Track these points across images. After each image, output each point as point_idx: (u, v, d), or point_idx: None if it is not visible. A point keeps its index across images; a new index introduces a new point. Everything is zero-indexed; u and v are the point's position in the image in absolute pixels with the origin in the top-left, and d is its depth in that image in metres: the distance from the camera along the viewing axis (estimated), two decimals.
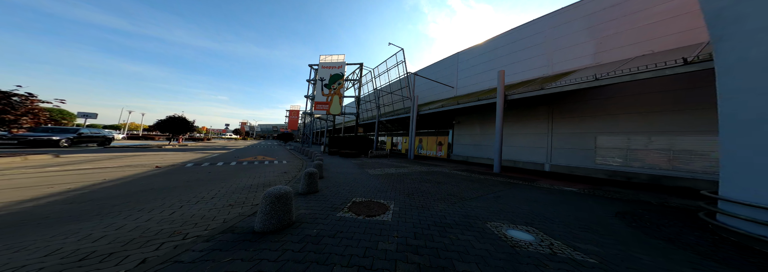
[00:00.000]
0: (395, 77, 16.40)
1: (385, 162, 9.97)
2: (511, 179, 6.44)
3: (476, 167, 9.69)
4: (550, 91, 6.69)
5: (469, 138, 12.71)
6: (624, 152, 6.56)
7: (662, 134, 5.98)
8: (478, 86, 12.60)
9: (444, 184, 5.28)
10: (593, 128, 7.36)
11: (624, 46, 7.27)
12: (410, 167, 8.38)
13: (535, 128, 9.22)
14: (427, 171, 7.50)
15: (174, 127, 16.72)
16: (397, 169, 7.80)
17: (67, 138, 11.47)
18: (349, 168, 7.57)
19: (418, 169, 8.05)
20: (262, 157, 10.70)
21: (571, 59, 8.52)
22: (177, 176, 5.19)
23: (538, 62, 9.58)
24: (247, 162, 8.42)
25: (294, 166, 8.11)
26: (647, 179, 6.04)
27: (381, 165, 8.78)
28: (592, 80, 5.65)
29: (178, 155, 10.26)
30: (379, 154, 13.05)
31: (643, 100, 6.37)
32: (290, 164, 8.57)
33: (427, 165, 9.43)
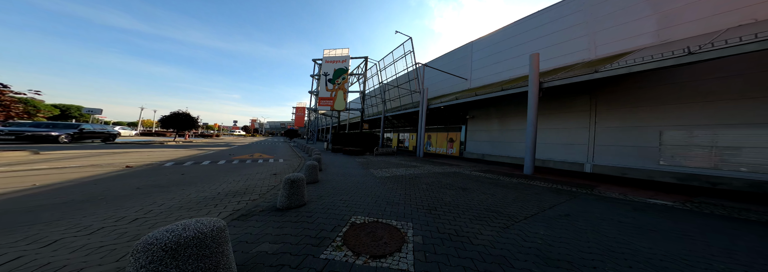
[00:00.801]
0: (402, 69, 14.93)
1: (393, 161, 8.67)
2: (554, 183, 4.99)
3: (496, 166, 8.23)
4: (612, 73, 5.09)
5: (485, 134, 11.17)
6: (707, 151, 4.93)
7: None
8: (497, 76, 10.96)
9: (472, 191, 3.94)
10: (656, 120, 5.73)
11: (699, 19, 5.52)
12: (422, 167, 7.05)
13: (572, 121, 7.61)
14: (442, 172, 6.16)
15: (178, 123, 16.07)
16: (407, 169, 6.49)
17: (67, 134, 10.84)
18: (352, 168, 6.33)
19: (432, 169, 6.71)
20: (259, 154, 9.65)
21: (622, 39, 6.81)
22: (138, 180, 4.09)
23: (577, 45, 7.87)
24: (238, 161, 7.34)
25: (289, 165, 6.95)
26: (745, 186, 4.43)
27: (388, 164, 7.50)
28: (683, 54, 4.06)
29: (172, 152, 9.36)
30: (386, 151, 11.76)
31: (737, 83, 4.69)
32: (286, 164, 7.42)
33: (440, 165, 8.07)
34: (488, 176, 5.70)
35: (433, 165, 7.77)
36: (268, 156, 9.19)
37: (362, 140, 11.93)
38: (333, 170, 5.99)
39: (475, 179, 5.31)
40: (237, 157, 8.20)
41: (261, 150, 12.30)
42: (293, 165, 7.08)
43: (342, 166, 6.82)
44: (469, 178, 5.38)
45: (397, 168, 6.68)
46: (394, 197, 3.37)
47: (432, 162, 8.76)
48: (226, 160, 7.29)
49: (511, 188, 4.30)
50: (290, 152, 11.91)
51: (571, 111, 7.63)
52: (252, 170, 5.81)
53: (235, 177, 4.73)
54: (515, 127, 9.52)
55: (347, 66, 20.27)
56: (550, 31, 8.79)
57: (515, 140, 9.47)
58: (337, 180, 4.55)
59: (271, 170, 5.77)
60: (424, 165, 7.65)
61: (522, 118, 9.00)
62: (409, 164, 7.96)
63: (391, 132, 20.88)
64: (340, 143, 14.20)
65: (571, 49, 8.05)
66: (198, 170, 5.34)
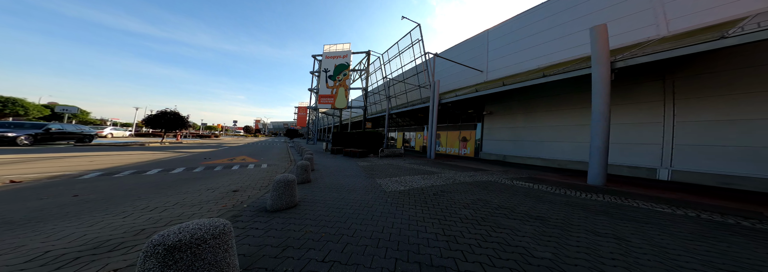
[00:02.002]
0: (409, 61, 13.13)
1: (402, 164, 6.88)
2: (662, 203, 3.16)
3: (530, 170, 6.39)
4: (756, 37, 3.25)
5: (506, 133, 9.33)
6: None
7: None
8: (519, 66, 9.11)
9: (557, 224, 2.16)
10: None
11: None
12: (442, 174, 5.26)
13: (635, 115, 5.76)
14: (474, 182, 4.37)
15: (166, 123, 14.39)
16: (425, 177, 4.71)
17: (27, 135, 9.15)
18: (353, 177, 4.56)
19: (456, 177, 4.92)
20: (242, 158, 7.87)
21: (708, 8, 4.94)
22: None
23: (641, 20, 6.03)
24: (206, 167, 5.53)
25: (269, 174, 5.17)
26: None
27: (398, 170, 5.71)
28: None
29: (137, 156, 7.64)
30: (392, 153, 9.97)
31: None
32: (267, 171, 5.63)
33: (462, 169, 6.26)
34: (546, 190, 3.89)
35: (455, 171, 5.97)
36: (252, 160, 7.43)
37: (365, 139, 10.15)
38: (327, 180, 4.22)
39: (531, 194, 3.51)
40: (211, 162, 6.43)
41: (249, 152, 10.54)
42: (275, 172, 5.31)
43: (340, 172, 5.06)
44: (520, 192, 3.59)
45: (411, 176, 4.90)
46: (426, 243, 1.61)
47: (450, 166, 6.95)
48: (189, 167, 5.51)
49: (618, 218, 2.49)
50: (282, 155, 10.14)
51: (635, 102, 5.78)
52: (210, 183, 4.04)
53: (164, 199, 2.95)
54: (551, 123, 7.67)
55: (348, 62, 18.52)
56: (603, 5, 6.93)
57: (550, 139, 7.62)
58: (328, 200, 2.79)
59: (237, 184, 3.99)
60: (443, 171, 5.85)
61: (561, 112, 7.16)
62: (424, 168, 6.17)
63: (395, 131, 19.08)
64: (340, 143, 12.43)
65: (631, 25, 6.20)
66: (119, 186, 3.57)
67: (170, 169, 5.13)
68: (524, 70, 8.82)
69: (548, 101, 7.72)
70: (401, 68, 14.35)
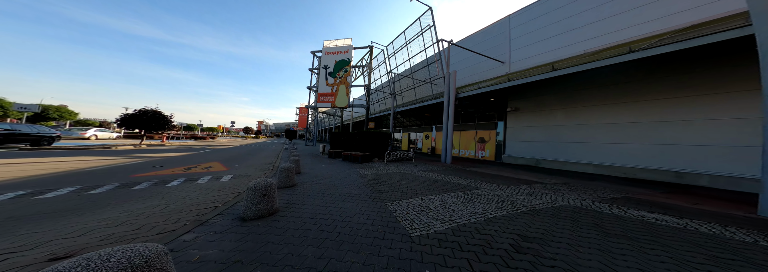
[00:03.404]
0: (418, 51, 11.36)
1: (417, 173, 5.06)
2: None
3: (593, 182, 4.51)
4: None
5: (538, 132, 7.52)
6: None
7: None
8: (552, 54, 7.34)
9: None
10: None
11: None
12: (481, 190, 3.49)
13: (739, 107, 3.95)
14: (553, 209, 2.62)
15: (145, 123, 12.62)
16: (462, 198, 2.96)
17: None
18: (351, 199, 2.80)
19: (510, 196, 3.16)
20: (209, 166, 5.95)
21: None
22: None
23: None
24: (120, 185, 3.65)
25: (211, 199, 3.33)
26: None
27: (415, 182, 3.92)
28: None
29: (81, 162, 5.93)
30: (400, 156, 8.15)
31: None
32: (219, 191, 3.79)
33: (501, 180, 4.45)
34: (709, 231, 2.06)
35: (494, 183, 4.16)
36: (220, 168, 5.61)
37: (368, 141, 8.36)
38: (309, 206, 2.45)
39: (700, 244, 1.69)
40: (158, 173, 4.54)
41: (228, 157, 8.74)
42: (234, 191, 3.49)
43: (333, 188, 3.27)
44: (649, 229, 1.77)
45: (438, 195, 3.13)
46: None
47: (479, 175, 5.14)
48: (120, 181, 3.67)
49: None
50: (268, 160, 8.33)
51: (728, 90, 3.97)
52: (89, 219, 2.22)
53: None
54: (609, 119, 5.85)
55: (350, 57, 16.81)
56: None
57: (607, 140, 5.82)
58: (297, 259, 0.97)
59: (135, 221, 2.18)
60: (478, 184, 4.05)
61: (625, 105, 5.36)
62: (448, 179, 4.38)
63: (400, 132, 17.29)
64: (339, 145, 10.63)
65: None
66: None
67: (92, 186, 3.29)
68: (556, 59, 7.05)
69: (602, 92, 5.93)
70: (409, 61, 12.58)
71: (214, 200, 2.81)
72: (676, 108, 4.75)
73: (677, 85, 4.77)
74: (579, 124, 6.42)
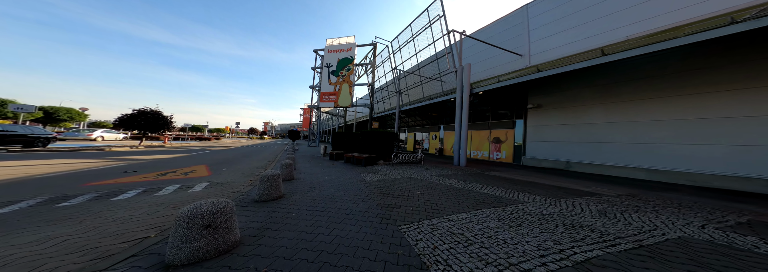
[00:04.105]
0: (426, 45, 10.46)
1: (432, 179, 4.15)
2: None
3: (653, 191, 3.47)
4: None
5: (568, 131, 6.51)
6: None
7: None
8: (582, 43, 6.33)
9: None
10: None
11: None
12: (526, 204, 2.58)
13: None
14: (662, 242, 1.65)
15: (144, 124, 12.14)
16: (509, 221, 2.06)
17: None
18: (350, 220, 1.98)
19: (583, 219, 2.21)
20: (190, 170, 5.08)
21: None
22: None
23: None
24: (37, 202, 2.81)
25: (146, 224, 2.50)
26: None
27: (433, 192, 3.02)
28: None
29: (56, 165, 5.28)
30: (408, 158, 7.24)
31: None
32: (172, 206, 2.97)
33: (542, 190, 3.52)
34: None
35: (535, 192, 3.22)
36: (201, 173, 4.81)
37: (372, 142, 7.50)
38: (291, 236, 1.61)
39: None
40: (120, 181, 3.65)
41: (219, 160, 8.03)
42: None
43: (331, 204, 2.42)
44: None
45: (470, 213, 2.26)
46: None
47: (508, 181, 4.18)
48: (33, 199, 2.89)
49: None
50: (264, 163, 7.57)
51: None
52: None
53: None
54: (668, 115, 4.81)
55: (353, 55, 16.08)
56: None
57: (669, 141, 4.76)
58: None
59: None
60: (512, 192, 3.12)
61: (691, 98, 4.33)
62: (472, 187, 3.45)
63: (405, 131, 16.38)
64: (342, 146, 9.80)
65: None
66: None
67: (10, 201, 2.52)
68: (584, 49, 6.03)
69: (656, 83, 4.89)
70: (415, 56, 11.68)
71: (153, 225, 1.99)
72: (734, 100, 3.69)
73: (737, 72, 3.72)
74: (624, 121, 5.38)
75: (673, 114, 4.64)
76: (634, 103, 5.23)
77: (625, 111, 5.36)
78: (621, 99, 5.44)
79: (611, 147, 5.53)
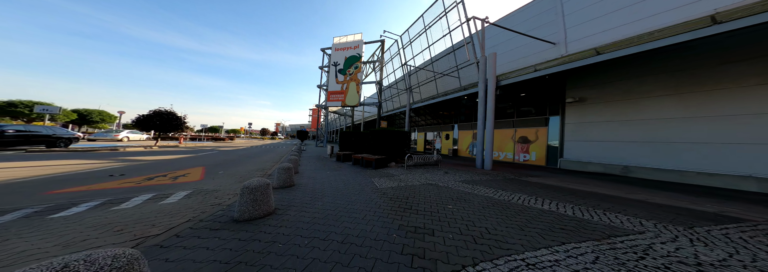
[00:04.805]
0: (440, 36, 9.51)
1: (460, 188, 3.25)
2: None
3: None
4: None
5: (625, 129, 5.33)
6: None
7: None
8: (632, 27, 5.09)
9: None
10: None
11: None
12: (648, 238, 1.62)
13: None
14: None
15: (159, 124, 12.24)
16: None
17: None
18: (361, 256, 1.02)
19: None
20: (183, 174, 4.48)
21: None
22: None
23: None
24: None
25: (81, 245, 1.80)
26: None
27: (471, 208, 2.17)
28: None
29: (57, 166, 4.97)
30: (423, 160, 6.35)
31: None
32: (117, 235, 2.29)
33: (637, 206, 2.53)
34: None
35: (627, 211, 2.30)
36: (192, 178, 4.22)
37: (383, 141, 6.70)
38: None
39: None
40: (92, 187, 2.98)
41: (224, 161, 7.59)
42: (140, 235, 1.97)
43: (333, 225, 1.64)
44: None
45: (553, 252, 1.37)
46: None
47: (567, 192, 3.23)
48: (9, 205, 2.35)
49: None
50: (267, 165, 7.01)
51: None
52: None
53: None
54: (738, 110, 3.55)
55: (360, 53, 15.43)
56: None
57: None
58: None
59: None
60: (592, 211, 2.22)
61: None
62: (521, 200, 2.55)
63: (415, 131, 15.43)
64: (350, 146, 9.10)
65: None
66: None
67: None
68: (636, 33, 4.80)
69: (756, 67, 3.64)
70: (428, 49, 10.74)
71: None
72: None
73: None
74: (713, 117, 4.13)
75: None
76: (726, 92, 3.98)
77: (714, 103, 4.12)
78: (705, 88, 4.21)
79: (695, 149, 4.29)
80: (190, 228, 1.73)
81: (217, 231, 1.69)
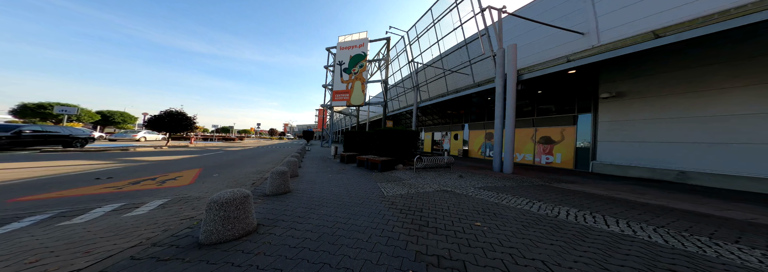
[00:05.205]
0: (450, 30, 8.87)
1: (483, 197, 2.65)
2: None
3: None
4: None
5: (675, 128, 4.48)
6: None
7: None
8: (669, 14, 4.20)
9: None
10: None
11: None
12: None
13: None
14: None
15: (170, 124, 12.38)
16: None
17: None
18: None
19: None
20: (174, 177, 4.22)
21: None
22: None
23: None
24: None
25: None
26: None
27: (507, 226, 1.57)
28: None
29: (40, 169, 4.89)
30: (434, 162, 5.73)
31: None
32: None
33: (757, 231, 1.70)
34: None
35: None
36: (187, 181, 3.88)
37: (389, 142, 6.15)
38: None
39: None
40: (55, 195, 2.52)
41: (224, 162, 7.34)
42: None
43: (328, 257, 1.06)
44: None
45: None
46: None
47: (634, 206, 2.54)
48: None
49: None
50: (267, 167, 6.66)
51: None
52: None
53: None
54: None
55: (365, 51, 15.02)
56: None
57: None
58: None
59: None
60: (683, 236, 1.49)
61: None
62: (573, 217, 1.91)
63: (421, 131, 14.75)
64: (354, 146, 8.62)
65: None
66: None
67: None
68: (675, 21, 3.94)
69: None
70: (438, 44, 10.10)
71: None
72: None
73: None
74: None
75: None
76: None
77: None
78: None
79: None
80: (132, 257, 1.26)
81: (167, 263, 1.22)
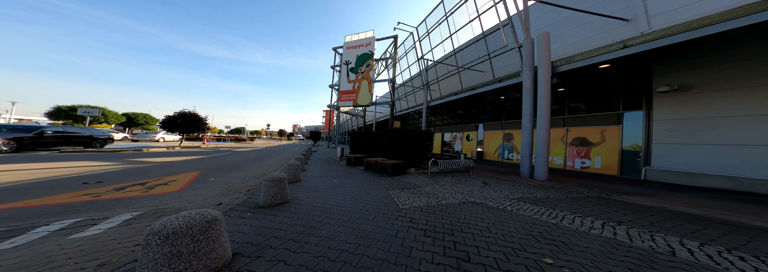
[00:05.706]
0: (464, 23, 8.16)
1: (529, 213, 1.97)
2: None
3: None
4: None
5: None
6: None
7: None
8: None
9: None
10: None
11: None
12: None
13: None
14: None
15: (183, 125, 12.56)
16: None
17: (5, 139, 7.03)
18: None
19: None
20: (168, 181, 3.77)
21: None
22: None
23: None
24: None
25: None
26: None
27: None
28: None
29: (63, 168, 4.66)
30: (451, 166, 5.02)
31: None
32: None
33: None
34: None
35: None
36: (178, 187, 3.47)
37: (400, 143, 5.53)
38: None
39: None
40: (31, 203, 2.22)
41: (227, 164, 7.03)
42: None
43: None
44: None
45: None
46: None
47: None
48: None
49: None
50: (269, 169, 6.26)
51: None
52: None
53: None
54: None
55: (372, 50, 14.56)
56: None
57: None
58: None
59: None
60: None
61: None
62: (691, 255, 1.12)
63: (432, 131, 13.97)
64: (362, 148, 8.07)
65: None
66: None
67: None
68: (724, 8, 2.98)
69: None
70: (450, 38, 9.39)
71: None
72: None
73: None
74: None
75: None
76: None
77: None
78: None
79: None
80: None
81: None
